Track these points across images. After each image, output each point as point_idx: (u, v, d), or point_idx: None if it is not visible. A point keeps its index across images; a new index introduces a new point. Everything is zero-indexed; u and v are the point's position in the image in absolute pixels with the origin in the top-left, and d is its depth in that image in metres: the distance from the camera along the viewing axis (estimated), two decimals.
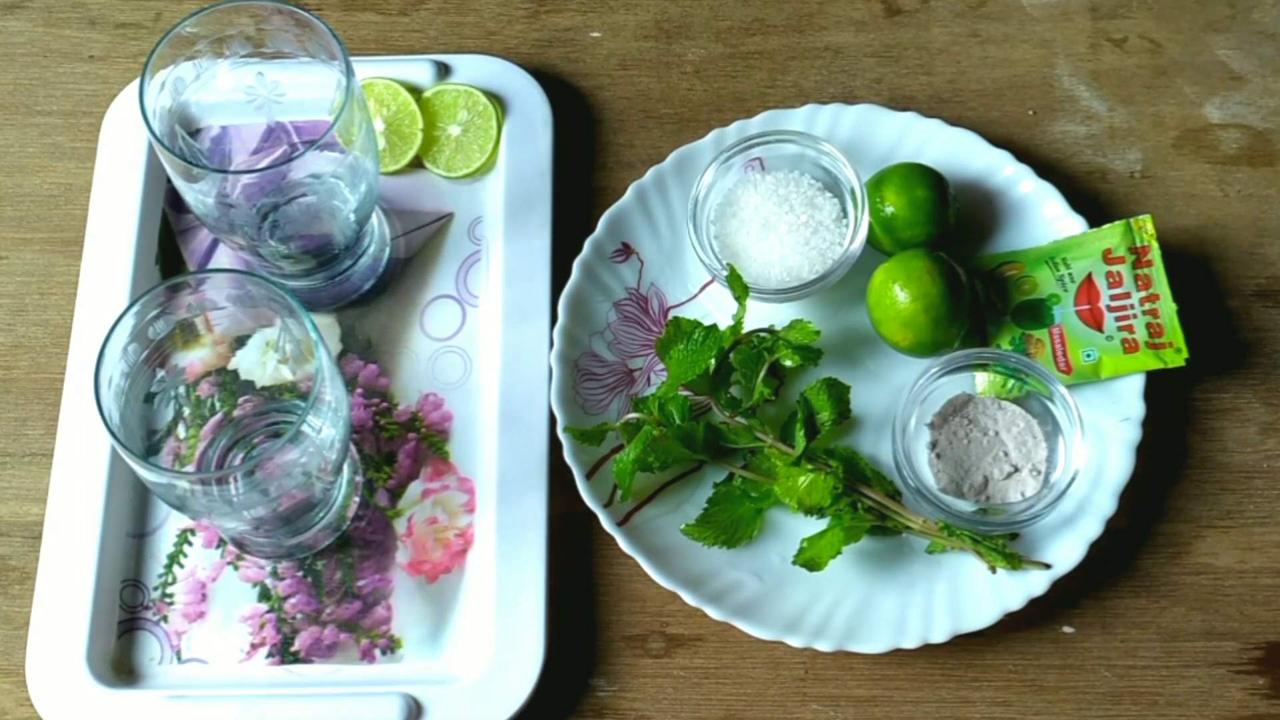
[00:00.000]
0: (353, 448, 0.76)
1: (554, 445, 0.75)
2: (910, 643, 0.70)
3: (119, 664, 0.72)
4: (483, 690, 0.70)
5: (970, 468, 0.74)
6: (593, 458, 0.74)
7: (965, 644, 0.72)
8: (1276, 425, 0.77)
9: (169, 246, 0.81)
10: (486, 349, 0.78)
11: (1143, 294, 0.76)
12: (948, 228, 0.77)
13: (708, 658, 0.73)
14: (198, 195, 0.70)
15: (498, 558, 0.72)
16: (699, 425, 0.73)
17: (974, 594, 0.72)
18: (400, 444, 0.76)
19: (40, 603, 0.72)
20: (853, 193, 0.76)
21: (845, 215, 0.77)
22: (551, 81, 0.85)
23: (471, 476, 0.76)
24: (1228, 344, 0.79)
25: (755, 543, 0.74)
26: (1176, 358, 0.75)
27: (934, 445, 0.74)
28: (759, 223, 0.76)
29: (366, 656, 0.72)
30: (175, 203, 0.81)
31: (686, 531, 0.73)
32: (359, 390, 0.78)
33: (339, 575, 0.74)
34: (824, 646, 0.70)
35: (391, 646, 0.73)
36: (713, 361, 0.73)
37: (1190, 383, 0.78)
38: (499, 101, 0.82)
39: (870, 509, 0.72)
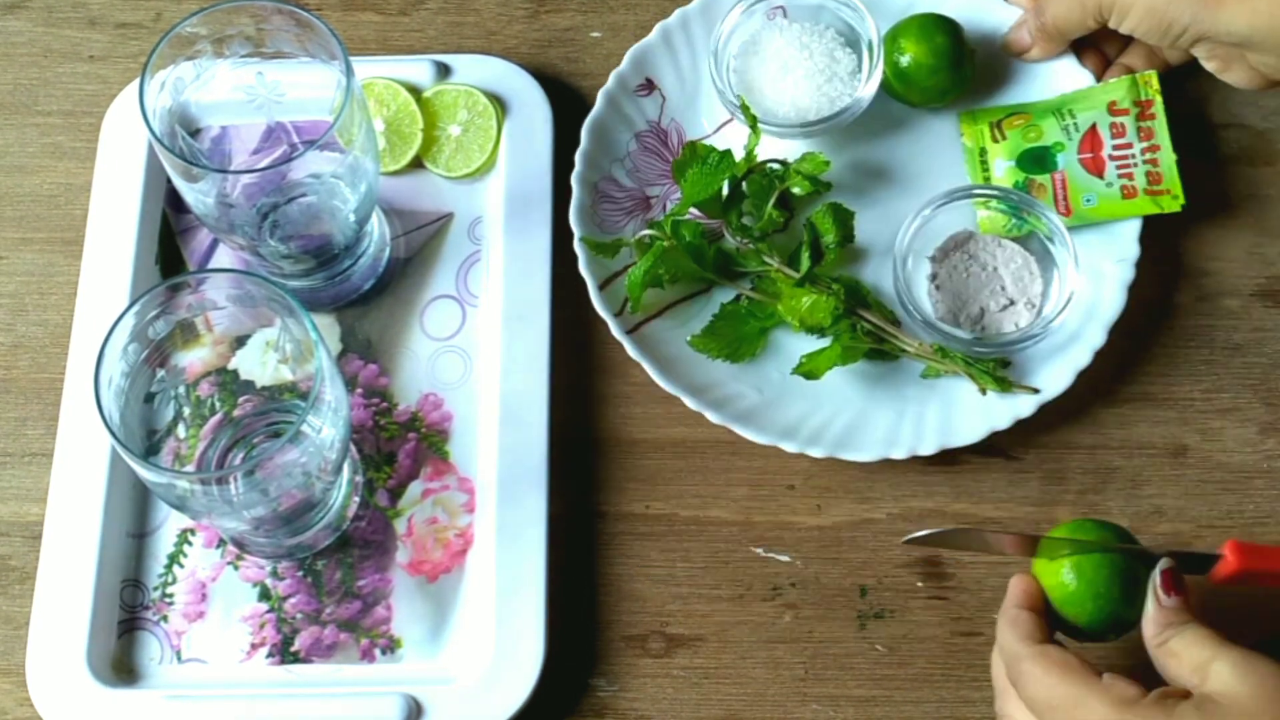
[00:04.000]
0: (353, 448, 0.76)
1: (554, 445, 0.75)
2: (900, 454, 0.73)
3: (119, 664, 0.72)
4: (483, 690, 0.70)
5: (968, 300, 0.77)
6: (607, 271, 0.77)
7: (966, 644, 0.72)
8: (1276, 425, 0.77)
9: (169, 246, 0.81)
10: (486, 349, 0.78)
11: (1144, 144, 0.79)
12: (966, 76, 0.80)
13: (708, 658, 0.73)
14: (198, 195, 0.70)
15: (498, 558, 0.72)
16: (709, 246, 0.77)
17: (964, 413, 0.75)
18: (400, 444, 0.76)
19: (40, 603, 0.72)
20: (870, 45, 0.79)
21: (860, 70, 0.80)
22: (551, 81, 0.85)
23: (471, 476, 0.76)
24: (1228, 344, 0.79)
25: (757, 360, 0.77)
26: (1173, 204, 0.79)
27: (934, 278, 0.78)
28: (778, 64, 0.80)
29: (366, 656, 0.72)
30: (175, 203, 0.81)
31: (692, 343, 0.76)
32: (359, 390, 0.78)
33: (339, 575, 0.74)
34: (817, 453, 0.73)
35: (391, 646, 0.73)
36: (725, 184, 0.76)
37: (1191, 382, 0.78)
38: (499, 101, 0.82)
39: (869, 332, 0.75)
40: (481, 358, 0.78)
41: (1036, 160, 0.80)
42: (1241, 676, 0.56)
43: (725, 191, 0.77)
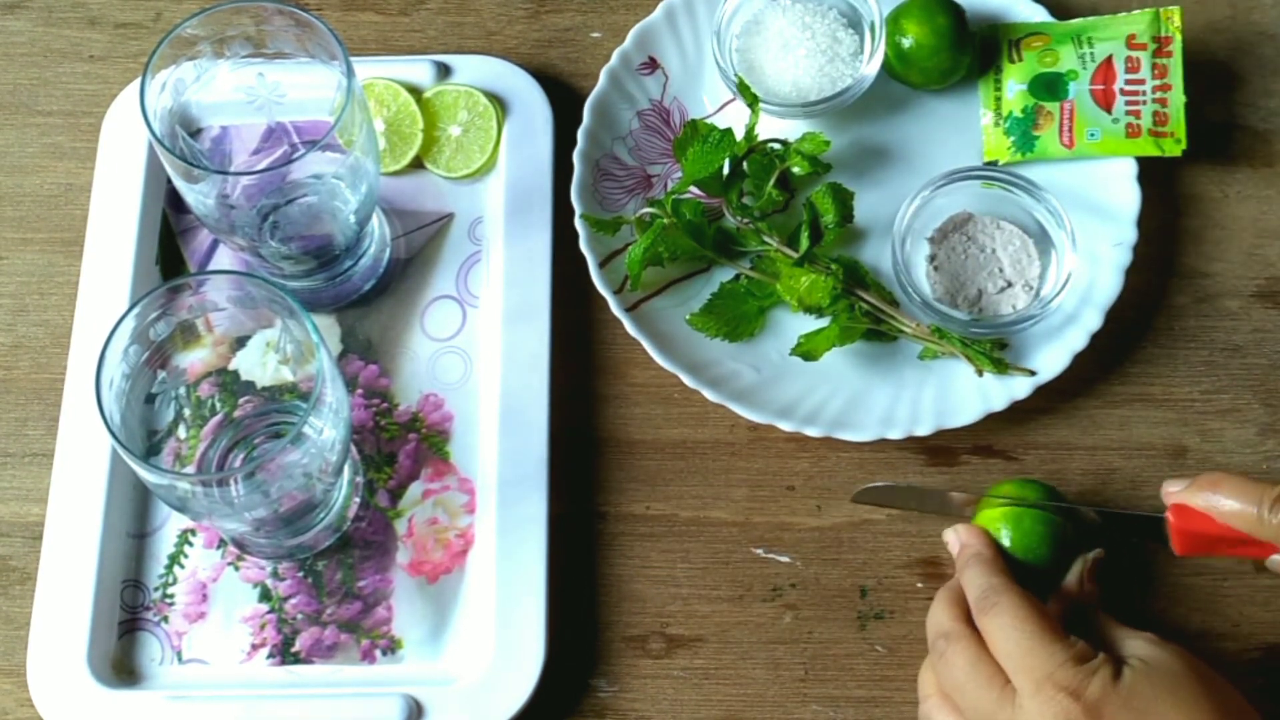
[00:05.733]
0: (353, 448, 0.76)
1: (554, 446, 0.75)
2: (896, 434, 0.74)
3: (120, 664, 0.72)
4: (483, 691, 0.70)
5: (966, 281, 0.78)
6: (607, 249, 0.78)
7: None
8: (1276, 426, 0.77)
9: (169, 247, 0.81)
10: (487, 349, 0.78)
11: (1156, 82, 0.80)
12: (967, 58, 0.81)
13: (708, 658, 0.73)
14: (198, 196, 0.70)
15: (498, 558, 0.73)
16: (709, 225, 0.77)
17: (961, 395, 0.76)
18: (401, 444, 0.76)
19: (41, 603, 0.72)
20: (872, 26, 0.80)
21: (862, 51, 0.81)
22: (551, 81, 0.85)
23: (472, 477, 0.76)
24: (1228, 345, 0.79)
25: (756, 339, 0.78)
26: (1174, 147, 0.79)
27: (933, 259, 0.79)
28: (780, 43, 0.81)
29: (367, 657, 0.72)
30: (175, 203, 0.81)
31: (691, 321, 0.77)
32: (359, 391, 0.78)
33: (339, 576, 0.74)
34: (813, 432, 0.74)
35: (392, 647, 0.73)
36: (726, 163, 0.77)
37: (1190, 384, 0.78)
38: (499, 102, 0.82)
39: (867, 313, 0.76)
40: (482, 358, 0.78)
41: (1048, 86, 0.81)
42: (1160, 646, 0.63)
43: (726, 170, 0.78)
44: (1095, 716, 0.59)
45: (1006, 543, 0.69)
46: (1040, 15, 0.83)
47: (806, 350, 0.75)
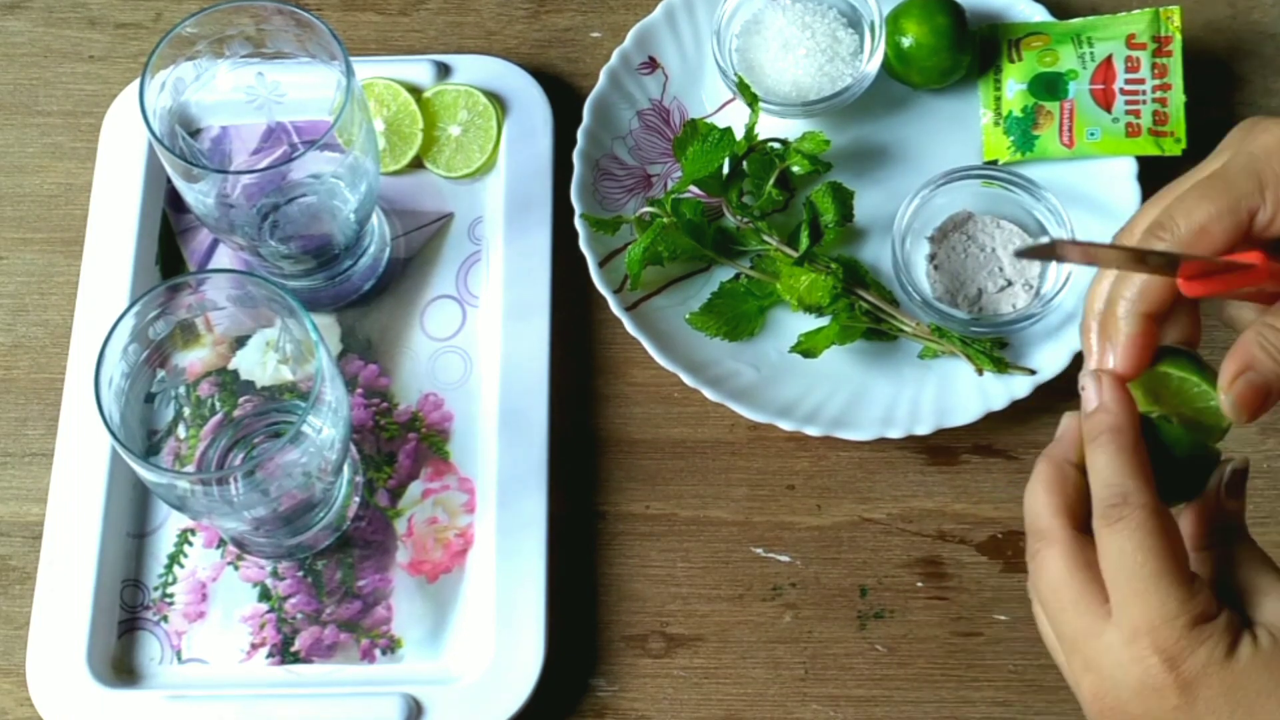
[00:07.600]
0: (353, 448, 0.76)
1: (554, 445, 0.75)
2: (896, 433, 0.74)
3: (119, 664, 0.72)
4: (483, 690, 0.70)
5: (966, 280, 0.78)
6: (607, 248, 0.78)
7: (965, 644, 0.73)
8: (1276, 425, 0.77)
9: (169, 246, 0.81)
10: (487, 349, 0.78)
11: (1156, 82, 0.80)
12: (967, 57, 0.81)
13: (708, 658, 0.73)
14: (198, 195, 0.70)
15: (498, 558, 0.73)
16: (709, 224, 0.78)
17: (961, 394, 0.76)
18: (400, 444, 0.76)
19: (40, 603, 0.72)
20: (872, 25, 0.80)
21: (862, 51, 0.81)
22: (551, 81, 0.85)
23: (472, 476, 0.76)
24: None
25: (756, 338, 0.78)
26: (1174, 147, 0.79)
27: (932, 258, 0.79)
28: (780, 42, 0.81)
29: (367, 656, 0.72)
30: (175, 203, 0.81)
31: (691, 320, 0.77)
32: (359, 390, 0.78)
33: (339, 575, 0.74)
34: (813, 431, 0.74)
35: (392, 646, 0.73)
36: (725, 162, 0.77)
37: None
38: (499, 101, 0.82)
39: (867, 312, 0.76)
40: (482, 358, 0.78)
41: (1048, 86, 0.81)
42: None
43: (726, 170, 0.78)
44: (1188, 696, 0.48)
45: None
46: (1040, 15, 0.84)
47: (806, 348, 0.75)
